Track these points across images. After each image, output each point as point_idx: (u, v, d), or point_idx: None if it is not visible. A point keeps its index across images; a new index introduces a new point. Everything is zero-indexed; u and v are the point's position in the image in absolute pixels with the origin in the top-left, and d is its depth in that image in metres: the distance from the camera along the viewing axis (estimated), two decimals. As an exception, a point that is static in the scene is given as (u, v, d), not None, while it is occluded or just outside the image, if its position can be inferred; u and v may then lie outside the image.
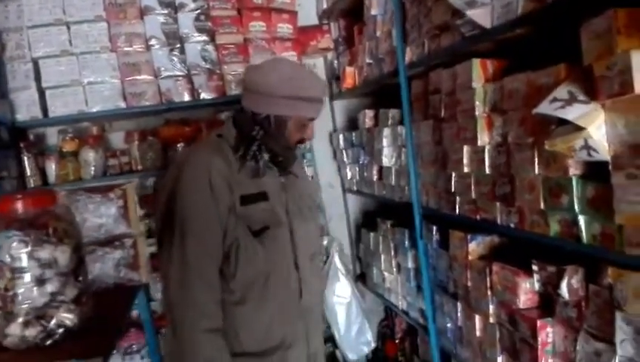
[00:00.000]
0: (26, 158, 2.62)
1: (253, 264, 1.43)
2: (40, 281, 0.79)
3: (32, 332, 0.79)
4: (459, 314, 1.89)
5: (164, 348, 1.41)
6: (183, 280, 1.33)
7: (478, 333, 1.76)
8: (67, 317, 0.82)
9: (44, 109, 2.61)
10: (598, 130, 1.04)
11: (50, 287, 0.80)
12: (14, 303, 0.78)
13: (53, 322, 0.80)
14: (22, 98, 2.58)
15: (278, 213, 1.50)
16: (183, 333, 1.33)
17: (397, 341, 3.03)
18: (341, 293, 2.88)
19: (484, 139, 1.57)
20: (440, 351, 2.18)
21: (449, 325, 2.01)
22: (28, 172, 2.62)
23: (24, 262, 0.78)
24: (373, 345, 2.98)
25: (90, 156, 2.76)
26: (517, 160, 1.40)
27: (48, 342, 0.79)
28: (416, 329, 2.49)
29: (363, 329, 2.93)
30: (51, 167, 2.72)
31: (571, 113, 1.06)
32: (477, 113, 1.57)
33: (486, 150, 1.56)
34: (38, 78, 2.60)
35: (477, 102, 1.57)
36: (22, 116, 2.59)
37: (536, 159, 1.30)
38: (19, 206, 0.81)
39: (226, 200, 1.40)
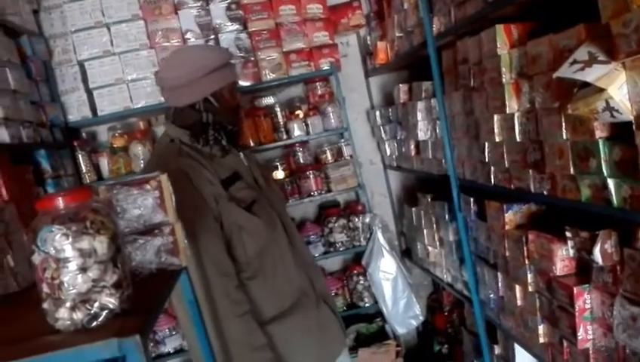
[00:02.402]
0: (80, 156, 2.78)
1: (257, 236, 1.54)
2: (82, 269, 0.86)
3: (79, 315, 0.87)
4: (499, 285, 1.89)
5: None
6: (208, 277, 1.46)
7: (518, 302, 1.75)
8: (109, 300, 0.89)
9: (93, 109, 2.77)
10: (619, 90, 1.01)
11: (91, 274, 0.87)
12: (61, 290, 0.85)
13: (96, 305, 0.88)
14: (72, 100, 2.75)
15: (252, 186, 1.61)
16: (221, 322, 1.47)
17: (445, 313, 3.04)
18: (386, 269, 2.92)
19: (512, 106, 1.54)
20: (485, 322, 2.18)
21: (491, 296, 2.01)
22: (83, 169, 2.79)
23: (67, 252, 0.86)
24: (421, 318, 3.01)
25: (139, 150, 2.89)
26: (545, 125, 1.37)
27: (94, 324, 0.87)
28: (462, 300, 2.49)
29: (410, 304, 2.96)
30: (104, 163, 2.88)
31: (591, 75, 1.03)
32: (504, 80, 1.54)
33: (515, 117, 1.53)
34: (85, 79, 2.75)
35: (503, 69, 1.54)
36: (73, 117, 2.76)
37: (563, 124, 1.28)
38: (59, 203, 0.89)
39: (211, 193, 1.49)
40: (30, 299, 1.19)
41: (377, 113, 3.06)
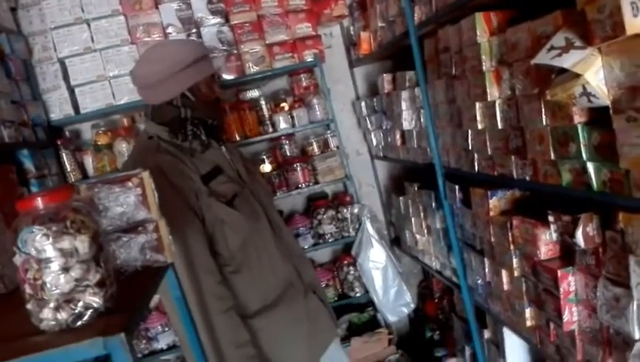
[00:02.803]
0: (64, 155, 2.75)
1: (238, 230, 1.54)
2: (64, 269, 0.86)
3: (63, 315, 0.86)
4: (486, 270, 1.91)
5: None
6: (191, 274, 1.46)
7: (505, 287, 1.77)
8: (93, 299, 0.89)
9: (76, 106, 2.74)
10: (595, 75, 1.02)
11: (74, 274, 0.87)
12: (44, 291, 0.85)
13: (80, 305, 0.87)
14: (54, 98, 2.71)
15: (235, 179, 1.61)
16: (209, 318, 1.47)
17: (436, 300, 3.07)
18: (376, 258, 2.93)
19: (493, 93, 1.55)
20: (474, 307, 2.21)
21: (479, 281, 2.03)
22: (67, 168, 2.76)
23: (48, 253, 0.85)
24: (412, 306, 3.04)
25: (124, 147, 2.86)
26: (525, 112, 1.38)
27: (79, 323, 0.87)
28: (452, 287, 2.51)
29: (401, 292, 2.99)
30: (89, 161, 2.85)
31: (568, 60, 1.04)
32: (484, 68, 1.55)
33: (497, 105, 1.54)
34: (66, 77, 2.71)
35: (483, 57, 1.55)
36: (55, 115, 2.73)
37: (542, 110, 1.29)
38: (39, 203, 0.88)
39: (190, 188, 1.49)
40: (16, 300, 1.18)
41: (363, 104, 3.06)
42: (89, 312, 0.90)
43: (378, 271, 2.96)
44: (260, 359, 1.56)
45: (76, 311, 0.89)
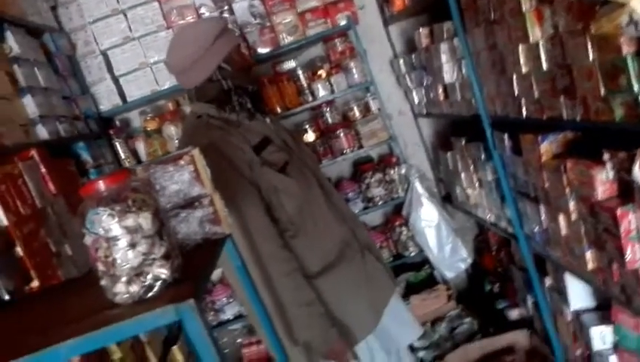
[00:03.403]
0: (117, 144, 2.88)
1: (293, 196, 1.59)
2: (131, 245, 0.91)
3: (134, 288, 0.92)
4: (543, 217, 1.87)
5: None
6: (251, 242, 1.53)
7: (563, 232, 1.74)
8: (161, 271, 0.94)
9: (122, 96, 2.84)
10: (643, 0, 0.97)
11: (141, 249, 0.92)
12: (115, 267, 0.91)
13: (149, 277, 0.93)
14: (101, 90, 2.82)
15: (284, 148, 1.65)
16: (272, 282, 1.54)
17: (493, 253, 3.04)
18: (427, 217, 2.93)
19: (536, 34, 1.49)
20: (533, 256, 2.18)
21: (536, 229, 1.99)
22: (122, 155, 2.88)
23: (115, 231, 0.91)
24: (469, 260, 3.03)
25: (172, 130, 2.95)
26: (570, 49, 1.32)
27: (150, 294, 0.92)
28: (508, 239, 2.48)
29: (456, 248, 2.98)
30: (141, 147, 2.97)
31: (612, -12, 0.99)
32: (524, 8, 1.49)
33: (540, 45, 1.49)
34: (110, 68, 2.81)
35: (522, -3, 1.49)
36: (105, 106, 2.84)
37: (589, 44, 1.23)
38: (101, 186, 0.94)
39: (244, 160, 1.54)
40: (91, 281, 1.27)
41: (401, 62, 3.01)
42: (158, 283, 0.96)
43: (431, 229, 2.96)
44: (328, 316, 1.62)
45: (146, 283, 0.95)
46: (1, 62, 1.90)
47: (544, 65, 1.50)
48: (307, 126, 3.07)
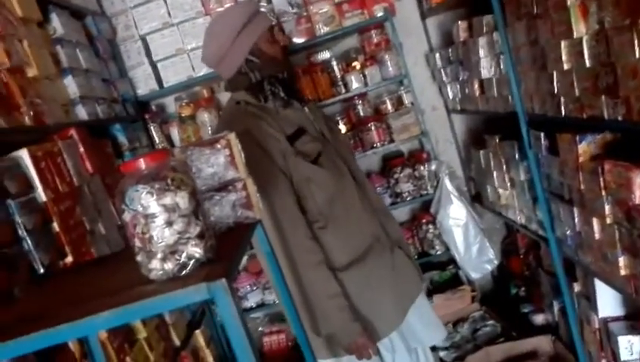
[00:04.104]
0: (152, 128, 2.94)
1: (325, 188, 1.58)
2: (168, 223, 0.93)
3: (169, 265, 0.95)
4: (576, 220, 1.83)
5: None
6: (279, 231, 1.54)
7: (597, 236, 1.70)
8: (195, 250, 0.96)
9: (159, 81, 2.89)
10: (699, -4, 0.93)
11: (177, 227, 0.94)
12: (151, 243, 0.93)
13: (184, 255, 0.95)
14: (139, 74, 2.88)
15: (319, 138, 1.64)
16: (298, 272, 1.55)
17: (521, 256, 2.99)
18: (456, 215, 2.90)
19: (580, 29, 1.46)
20: (562, 260, 2.14)
21: (568, 232, 1.95)
22: (156, 140, 2.94)
23: (153, 208, 0.93)
24: (496, 262, 2.99)
25: (206, 117, 3.00)
26: (616, 46, 1.29)
27: (184, 272, 0.94)
28: (538, 242, 2.44)
29: (483, 248, 2.94)
30: (175, 133, 3.02)
31: (666, -17, 0.96)
32: (569, 3, 1.46)
33: (584, 41, 1.45)
34: (148, 53, 2.86)
35: (568, -8, 1.45)
36: (142, 91, 2.90)
37: (635, 41, 1.20)
38: (142, 164, 0.96)
39: (278, 150, 1.55)
40: (123, 258, 1.31)
41: (437, 55, 2.98)
42: (192, 262, 0.98)
43: (459, 228, 2.93)
44: (352, 310, 1.62)
45: (180, 261, 0.97)
46: (45, 43, 1.96)
47: (587, 62, 1.46)
48: (339, 118, 3.07)
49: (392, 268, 1.71)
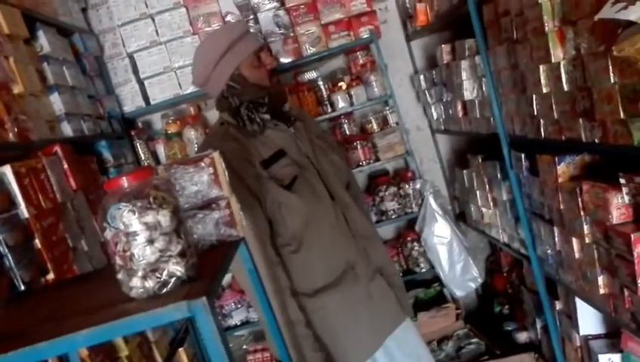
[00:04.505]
0: (138, 145, 2.93)
1: (297, 213, 1.58)
2: (149, 241, 0.93)
3: (150, 283, 0.94)
4: (556, 239, 1.86)
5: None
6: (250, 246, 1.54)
7: (576, 255, 1.73)
8: (176, 268, 0.96)
9: (146, 98, 2.90)
10: (666, 25, 0.97)
11: (158, 245, 0.94)
12: (132, 261, 0.93)
13: (165, 273, 0.95)
14: (125, 91, 2.89)
15: (300, 160, 1.62)
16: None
17: (504, 274, 3.02)
18: (440, 233, 2.92)
19: (557, 54, 1.50)
20: (544, 279, 2.16)
21: (549, 251, 1.98)
22: (142, 156, 2.93)
23: (134, 226, 0.93)
24: (480, 280, 3.01)
25: (192, 134, 3.00)
26: (592, 71, 1.33)
27: (164, 290, 0.94)
28: (520, 260, 2.47)
29: (467, 266, 2.96)
30: (161, 149, 3.02)
31: (634, 13, 1.00)
32: (547, 28, 1.51)
33: (561, 66, 1.50)
34: (135, 70, 2.87)
35: (545, 17, 1.50)
36: (128, 108, 2.90)
37: (610, 67, 1.24)
38: (124, 182, 0.97)
39: (251, 173, 1.56)
40: (105, 276, 1.30)
41: (421, 77, 3.03)
42: (173, 280, 0.98)
43: (443, 246, 2.95)
44: (315, 339, 1.61)
45: (161, 280, 0.97)
46: (32, 60, 1.97)
47: (565, 86, 1.50)
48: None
49: (369, 296, 1.67)
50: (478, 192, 2.66)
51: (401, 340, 1.74)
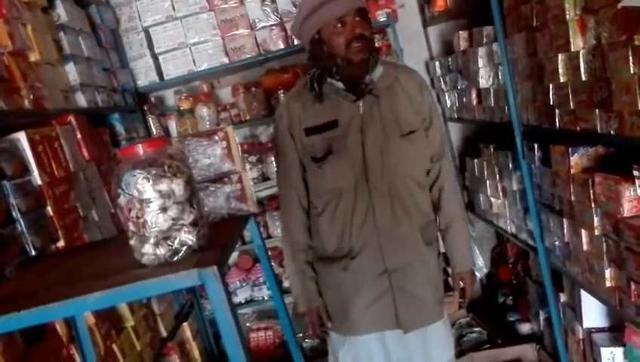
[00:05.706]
0: (150, 119, 2.94)
1: (319, 184, 1.58)
2: (163, 209, 0.94)
3: (161, 251, 0.96)
4: (565, 231, 1.86)
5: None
6: (280, 205, 1.68)
7: (584, 247, 1.72)
8: (188, 237, 0.97)
9: (160, 73, 2.90)
10: (692, 15, 0.96)
11: (171, 213, 0.95)
12: (145, 228, 0.94)
13: (177, 241, 0.96)
14: (140, 65, 2.89)
15: (347, 137, 1.53)
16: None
17: (510, 265, 3.02)
18: (448, 221, 2.91)
19: (577, 43, 1.48)
20: (550, 270, 2.16)
21: (557, 243, 1.98)
22: (153, 131, 2.94)
23: (148, 194, 0.94)
24: (485, 270, 3.01)
25: (204, 112, 3.01)
26: (611, 61, 1.31)
27: (175, 258, 0.95)
28: (527, 251, 2.47)
29: (473, 256, 2.96)
30: (172, 125, 3.04)
31: (660, 1, 0.98)
32: (568, 17, 1.49)
33: (580, 55, 1.48)
34: (150, 45, 2.87)
35: (567, 5, 1.48)
36: (142, 82, 2.91)
37: (630, 57, 1.22)
38: (139, 150, 0.97)
39: (298, 134, 1.57)
40: (115, 244, 1.31)
41: (437, 63, 3.00)
42: (184, 249, 0.99)
43: (450, 234, 2.94)
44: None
45: (173, 248, 0.98)
46: (49, 29, 1.97)
47: (583, 76, 1.49)
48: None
49: (363, 288, 1.61)
50: (488, 182, 2.65)
51: (406, 347, 1.67)
